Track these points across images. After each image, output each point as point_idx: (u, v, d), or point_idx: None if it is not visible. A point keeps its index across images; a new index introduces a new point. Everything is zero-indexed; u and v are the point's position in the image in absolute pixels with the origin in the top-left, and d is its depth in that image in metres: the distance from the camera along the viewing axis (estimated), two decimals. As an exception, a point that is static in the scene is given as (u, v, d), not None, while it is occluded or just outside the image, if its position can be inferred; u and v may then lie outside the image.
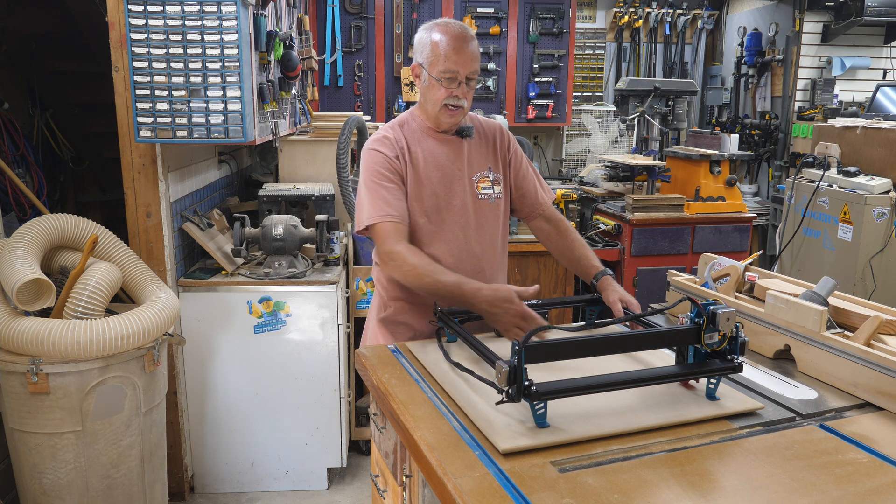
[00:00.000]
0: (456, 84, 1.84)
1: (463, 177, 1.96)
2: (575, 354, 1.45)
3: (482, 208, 1.99)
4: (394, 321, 2.03)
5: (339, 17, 4.98)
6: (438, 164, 1.94)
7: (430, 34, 1.86)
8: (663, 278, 2.24)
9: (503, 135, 2.08)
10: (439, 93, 1.85)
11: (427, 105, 1.92)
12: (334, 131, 3.58)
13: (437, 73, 1.84)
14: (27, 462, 2.34)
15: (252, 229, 2.98)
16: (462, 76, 1.84)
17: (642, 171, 4.21)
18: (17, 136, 4.20)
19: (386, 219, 1.84)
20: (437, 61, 1.83)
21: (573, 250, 2.04)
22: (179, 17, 2.37)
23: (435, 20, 1.90)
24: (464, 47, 1.83)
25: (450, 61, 1.82)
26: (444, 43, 1.82)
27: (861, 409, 1.48)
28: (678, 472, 1.19)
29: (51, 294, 2.25)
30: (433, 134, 1.96)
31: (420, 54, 1.88)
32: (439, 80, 1.84)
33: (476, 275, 1.91)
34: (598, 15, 5.67)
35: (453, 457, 1.24)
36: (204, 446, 3.01)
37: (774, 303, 1.75)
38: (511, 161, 2.06)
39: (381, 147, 1.91)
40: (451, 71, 1.83)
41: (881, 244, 3.68)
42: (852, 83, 5.16)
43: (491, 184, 2.00)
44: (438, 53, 1.83)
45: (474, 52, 1.86)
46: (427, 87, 1.88)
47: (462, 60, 1.82)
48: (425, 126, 1.96)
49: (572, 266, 2.06)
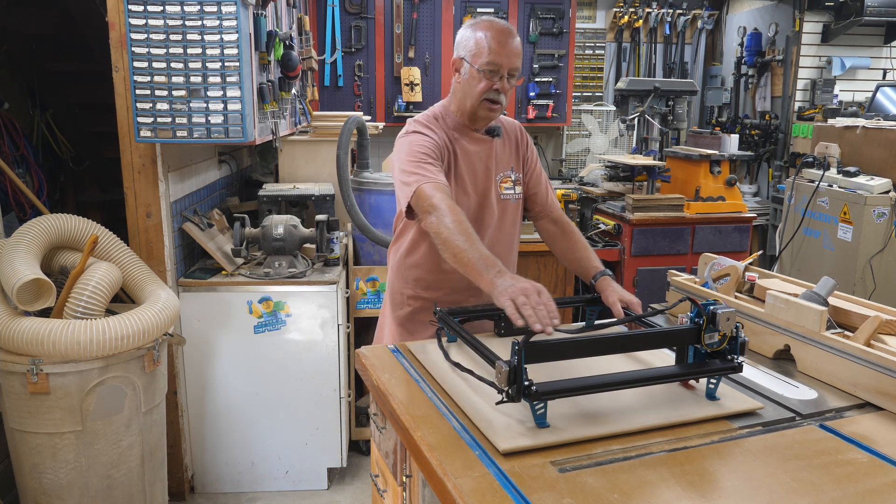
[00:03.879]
0: (498, 77, 1.86)
1: (490, 176, 1.98)
2: (575, 354, 1.45)
3: (505, 208, 2.01)
4: (413, 320, 2.03)
5: (339, 17, 4.98)
6: (471, 162, 1.95)
7: (474, 30, 1.88)
8: (663, 278, 2.24)
9: (523, 134, 2.10)
10: (480, 85, 1.86)
11: (466, 100, 1.91)
12: (334, 131, 3.58)
13: (479, 65, 1.85)
14: (27, 462, 2.34)
15: (252, 229, 2.98)
16: (504, 70, 1.85)
17: (642, 171, 4.21)
18: (17, 136, 4.20)
19: (430, 181, 1.77)
20: (480, 54, 1.85)
21: (575, 251, 2.05)
22: (179, 17, 2.37)
23: (480, 18, 1.94)
24: (508, 42, 1.85)
25: (493, 54, 1.83)
26: (488, 37, 1.85)
27: (861, 409, 1.48)
28: (678, 472, 1.19)
29: (51, 294, 2.25)
30: (467, 132, 1.97)
31: (462, 48, 1.89)
32: (481, 72, 1.85)
33: None
34: (598, 15, 5.67)
35: (453, 457, 1.24)
36: (204, 446, 3.01)
37: (774, 303, 1.75)
38: (528, 161, 2.08)
39: (425, 130, 1.90)
40: (495, 64, 1.84)
41: (881, 244, 3.68)
42: (852, 83, 5.15)
43: (513, 184, 2.03)
44: (483, 46, 1.84)
45: (517, 49, 1.87)
46: (467, 79, 1.88)
47: (505, 54, 1.84)
48: (459, 123, 1.97)
49: (573, 266, 2.07)
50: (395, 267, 2.07)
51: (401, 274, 2.04)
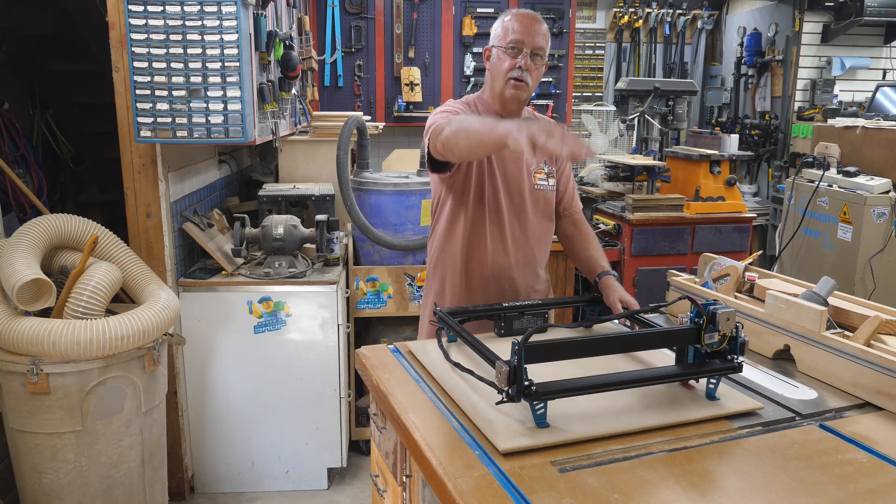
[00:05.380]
0: (521, 54, 1.94)
1: (522, 166, 2.06)
2: (575, 354, 1.45)
3: (537, 198, 2.09)
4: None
5: (339, 17, 4.98)
6: (501, 151, 2.02)
7: (502, 18, 2.00)
8: (663, 278, 2.24)
9: None
10: (505, 64, 1.95)
11: (495, 83, 2.01)
12: (334, 131, 3.58)
13: (504, 44, 1.96)
14: (27, 462, 2.34)
15: (252, 229, 2.98)
16: (528, 48, 1.94)
17: (642, 171, 4.20)
18: (17, 136, 4.19)
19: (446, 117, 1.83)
20: (505, 35, 1.96)
21: (587, 250, 2.12)
22: (179, 17, 2.37)
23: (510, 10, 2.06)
24: (530, 23, 1.95)
25: (516, 32, 1.94)
26: (512, 19, 1.96)
27: (861, 409, 1.48)
28: (678, 472, 1.19)
29: (51, 294, 2.25)
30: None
31: (492, 37, 2.01)
32: (505, 50, 1.95)
33: (528, 261, 2.08)
34: (598, 15, 5.67)
35: (453, 457, 1.24)
36: (204, 446, 3.01)
37: (774, 303, 1.75)
38: (559, 158, 2.15)
39: (458, 107, 2.01)
40: (517, 41, 1.94)
41: (881, 244, 3.68)
42: (852, 83, 5.15)
43: (546, 176, 2.11)
44: (507, 28, 1.96)
45: (541, 30, 1.97)
46: (495, 62, 1.99)
47: (527, 31, 1.94)
48: (492, 110, 2.06)
49: (581, 265, 2.13)
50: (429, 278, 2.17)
51: (435, 280, 2.13)
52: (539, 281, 2.15)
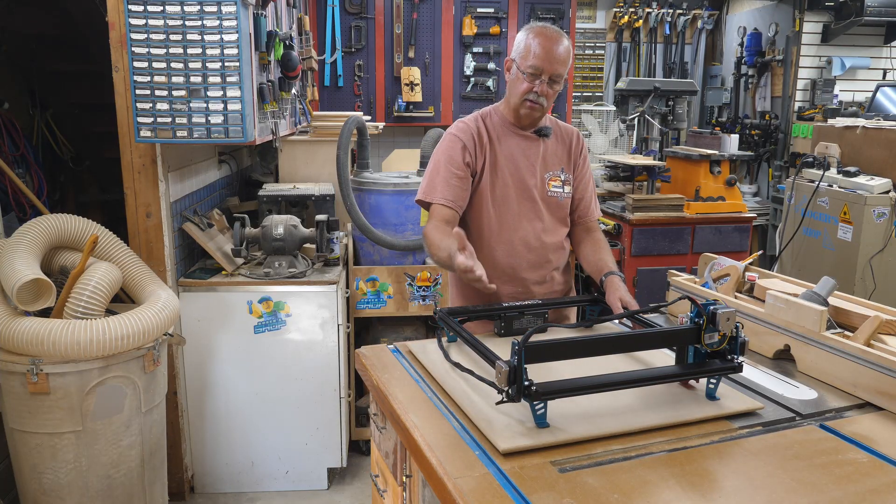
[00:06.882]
0: (538, 81, 1.96)
1: (536, 173, 2.09)
2: (575, 354, 1.45)
3: (551, 204, 2.12)
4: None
5: (339, 17, 4.98)
6: (514, 158, 2.07)
7: (527, 33, 2.00)
8: (663, 278, 2.24)
9: (579, 140, 2.22)
10: (522, 86, 1.98)
11: (511, 98, 2.05)
12: (334, 131, 3.58)
13: (524, 67, 1.97)
14: (27, 462, 2.34)
15: (252, 229, 2.98)
16: (546, 75, 1.96)
17: (642, 171, 4.20)
18: (17, 136, 4.19)
19: (442, 202, 2.00)
20: (526, 56, 1.96)
21: (597, 253, 2.15)
22: (179, 17, 2.37)
23: (536, 23, 2.06)
24: (553, 49, 1.95)
25: (537, 59, 1.94)
26: (536, 42, 1.95)
27: (861, 409, 1.48)
28: (678, 472, 1.19)
29: (51, 294, 2.25)
30: (514, 129, 2.09)
31: (515, 50, 2.02)
32: (524, 74, 1.97)
33: (542, 265, 2.11)
34: (598, 15, 5.67)
35: (453, 457, 1.24)
36: (204, 446, 3.01)
37: (774, 303, 1.75)
38: (578, 166, 2.19)
39: (461, 134, 2.05)
40: (537, 68, 1.95)
41: (881, 244, 3.67)
42: (852, 83, 5.16)
43: (562, 183, 2.14)
44: (529, 50, 1.96)
45: (562, 56, 1.97)
46: (514, 79, 2.02)
47: (548, 59, 1.94)
48: (507, 121, 2.10)
49: (590, 267, 2.15)
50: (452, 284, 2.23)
51: (458, 288, 2.18)
52: (555, 283, 2.18)
